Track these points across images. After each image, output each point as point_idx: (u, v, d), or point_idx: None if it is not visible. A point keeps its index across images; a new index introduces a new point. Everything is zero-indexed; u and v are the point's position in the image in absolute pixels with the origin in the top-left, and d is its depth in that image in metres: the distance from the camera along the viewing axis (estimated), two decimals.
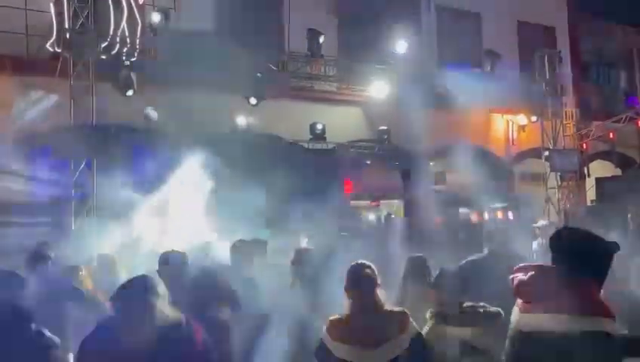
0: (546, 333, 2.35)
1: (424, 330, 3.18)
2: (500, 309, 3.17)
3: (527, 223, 9.35)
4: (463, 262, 4.60)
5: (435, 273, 3.63)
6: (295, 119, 11.54)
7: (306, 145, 11.80)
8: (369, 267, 3.16)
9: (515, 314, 2.56)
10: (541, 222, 7.57)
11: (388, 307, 3.08)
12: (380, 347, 2.90)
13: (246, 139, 10.96)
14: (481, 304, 3.22)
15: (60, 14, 9.28)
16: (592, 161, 15.12)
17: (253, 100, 9.34)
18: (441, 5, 14.60)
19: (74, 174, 8.13)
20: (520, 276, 2.52)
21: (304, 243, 6.81)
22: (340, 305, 3.14)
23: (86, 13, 8.18)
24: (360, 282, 3.07)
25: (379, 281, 3.10)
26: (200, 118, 10.86)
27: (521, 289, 2.51)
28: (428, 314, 3.26)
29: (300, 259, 4.37)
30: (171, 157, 8.15)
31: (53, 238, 6.38)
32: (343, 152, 12.11)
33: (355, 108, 12.55)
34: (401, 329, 2.98)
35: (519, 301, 2.56)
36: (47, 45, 9.56)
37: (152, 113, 9.47)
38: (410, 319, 3.04)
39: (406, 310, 3.11)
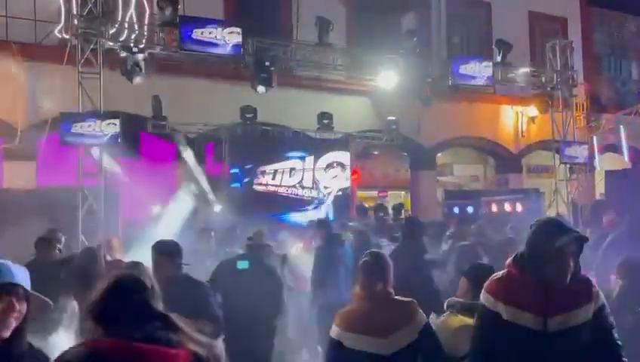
0: None
1: (440, 319, 3.20)
2: None
3: (534, 215, 9.26)
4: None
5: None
6: (303, 108, 11.50)
7: (313, 135, 11.76)
8: (382, 256, 3.19)
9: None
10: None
11: (397, 296, 3.10)
12: (391, 336, 2.92)
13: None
14: None
15: (68, 0, 9.26)
16: (601, 153, 14.98)
17: (261, 89, 9.28)
18: None
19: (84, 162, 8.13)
20: None
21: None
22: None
23: None
24: (372, 271, 3.08)
25: (391, 271, 3.13)
26: (208, 107, 10.87)
27: None
28: (445, 304, 3.25)
29: None
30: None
31: None
32: (351, 142, 12.06)
33: (364, 98, 12.48)
34: (411, 319, 3.01)
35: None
36: (55, 32, 9.56)
37: None
38: (419, 309, 3.06)
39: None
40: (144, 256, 4.10)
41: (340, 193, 11.78)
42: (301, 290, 6.14)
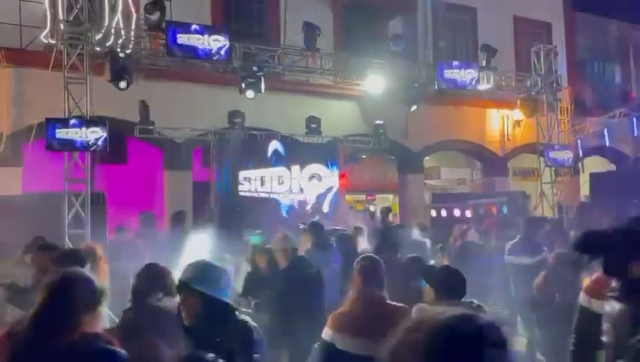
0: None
1: None
2: (481, 304, 3.32)
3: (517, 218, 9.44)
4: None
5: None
6: (291, 113, 11.52)
7: (301, 139, 11.78)
8: (379, 261, 3.22)
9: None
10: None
11: (390, 301, 3.13)
12: (383, 339, 2.92)
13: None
14: (469, 300, 3.26)
15: (53, 5, 9.21)
16: (586, 156, 15.19)
17: (250, 94, 9.30)
18: None
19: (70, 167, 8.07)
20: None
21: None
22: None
23: (80, 4, 8.09)
24: (370, 275, 3.12)
25: (385, 276, 3.17)
26: (195, 111, 10.85)
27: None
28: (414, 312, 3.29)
29: None
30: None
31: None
32: (339, 146, 12.10)
33: (351, 103, 12.54)
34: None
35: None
36: (41, 37, 9.49)
37: None
38: (412, 314, 3.07)
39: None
40: (131, 262, 4.08)
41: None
42: None
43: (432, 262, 5.66)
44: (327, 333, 3.09)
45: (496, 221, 9.75)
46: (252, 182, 11.11)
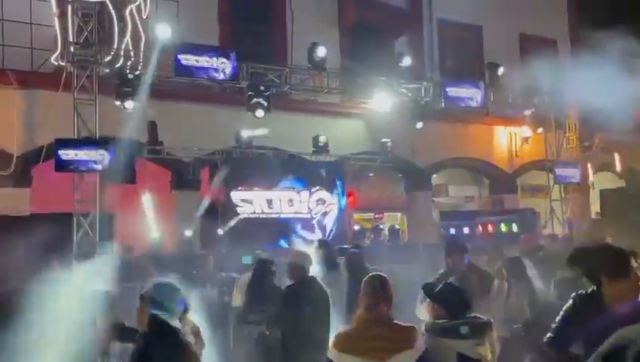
0: None
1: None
2: (490, 319, 3.29)
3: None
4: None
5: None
6: (298, 132, 11.57)
7: (308, 158, 11.80)
8: (387, 280, 3.19)
9: None
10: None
11: (398, 320, 3.09)
12: (390, 359, 2.90)
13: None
14: (473, 315, 3.24)
15: (64, 29, 9.35)
16: (595, 172, 15.09)
17: (260, 113, 9.38)
18: (442, 18, 14.69)
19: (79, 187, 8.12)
20: None
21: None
22: None
23: (90, 27, 8.24)
24: (379, 294, 3.09)
25: (394, 294, 3.14)
26: (203, 131, 10.91)
27: None
28: (423, 328, 3.25)
29: None
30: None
31: None
32: (346, 164, 12.10)
33: (358, 121, 12.57)
34: (412, 344, 2.99)
35: None
36: (52, 59, 9.63)
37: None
38: (419, 335, 3.05)
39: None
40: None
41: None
42: None
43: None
44: (332, 353, 3.05)
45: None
46: (255, 204, 11.10)
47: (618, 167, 14.75)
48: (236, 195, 10.91)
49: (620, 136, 15.17)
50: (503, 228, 11.39)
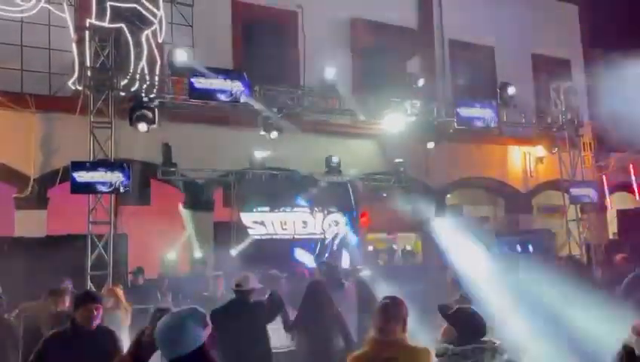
0: None
1: None
2: (502, 342, 3.20)
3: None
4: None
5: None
6: (311, 153, 11.60)
7: (320, 179, 11.80)
8: (401, 302, 3.16)
9: None
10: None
11: (412, 343, 3.06)
12: None
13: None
14: (488, 338, 3.18)
15: (81, 53, 9.58)
16: (612, 193, 14.90)
17: (274, 134, 9.48)
18: (454, 39, 14.75)
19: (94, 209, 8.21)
20: None
21: None
22: None
23: (107, 52, 8.41)
24: (391, 315, 3.06)
25: (408, 317, 3.10)
26: (217, 153, 11.01)
27: None
28: (440, 351, 3.20)
29: None
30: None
31: None
32: (359, 185, 12.08)
33: (370, 142, 12.58)
34: None
35: None
36: (69, 83, 9.84)
37: None
38: (433, 357, 3.01)
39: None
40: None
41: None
42: None
43: None
44: None
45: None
46: (267, 225, 11.10)
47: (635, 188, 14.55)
48: (247, 217, 10.93)
49: (636, 156, 15.03)
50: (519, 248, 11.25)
